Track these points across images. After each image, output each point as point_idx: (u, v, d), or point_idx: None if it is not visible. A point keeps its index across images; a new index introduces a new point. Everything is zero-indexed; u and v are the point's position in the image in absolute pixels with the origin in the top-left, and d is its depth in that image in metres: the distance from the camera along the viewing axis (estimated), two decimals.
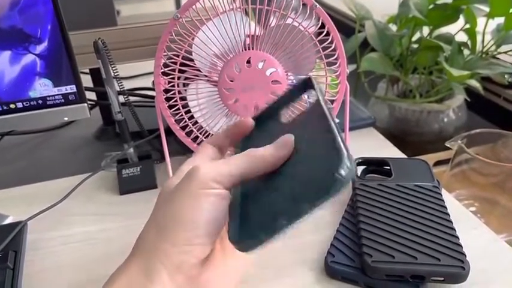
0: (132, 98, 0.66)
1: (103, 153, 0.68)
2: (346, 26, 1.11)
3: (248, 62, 0.51)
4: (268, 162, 0.32)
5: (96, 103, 0.79)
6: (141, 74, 0.94)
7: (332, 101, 0.57)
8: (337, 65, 0.54)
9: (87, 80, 0.70)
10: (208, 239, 0.30)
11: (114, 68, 0.59)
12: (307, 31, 0.50)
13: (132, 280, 0.30)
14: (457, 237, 0.44)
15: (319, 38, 0.52)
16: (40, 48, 0.53)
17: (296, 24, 0.50)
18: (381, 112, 0.82)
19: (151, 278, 0.30)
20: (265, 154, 0.32)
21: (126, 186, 0.60)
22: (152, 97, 0.78)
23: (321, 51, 0.52)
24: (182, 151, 0.64)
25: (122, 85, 0.62)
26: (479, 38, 0.75)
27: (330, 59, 0.53)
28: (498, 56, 0.76)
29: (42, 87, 0.54)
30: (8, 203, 0.60)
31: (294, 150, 0.32)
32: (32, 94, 0.55)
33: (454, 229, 0.45)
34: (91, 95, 0.76)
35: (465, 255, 0.41)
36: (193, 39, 0.51)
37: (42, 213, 0.54)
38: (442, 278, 0.41)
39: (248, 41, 0.51)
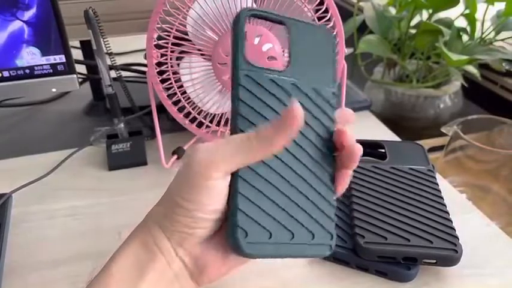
0: (123, 74, 0.64)
1: (92, 129, 0.67)
2: (344, 10, 1.09)
3: None
4: (274, 146, 0.28)
5: (87, 77, 0.77)
6: (134, 50, 0.92)
7: None
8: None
9: (77, 55, 0.68)
10: (208, 223, 0.29)
11: (106, 42, 0.57)
12: (306, 6, 0.49)
13: (142, 244, 0.31)
14: (450, 221, 0.43)
15: (317, 14, 0.50)
16: (28, 14, 0.51)
17: None
18: (377, 96, 0.81)
19: (159, 246, 0.30)
20: (268, 135, 0.28)
21: (115, 162, 0.59)
22: (145, 73, 0.76)
23: None
24: (174, 129, 0.63)
25: (113, 60, 0.60)
26: (478, 24, 0.74)
27: None
28: (496, 44, 0.75)
29: (30, 56, 0.52)
30: None
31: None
32: (19, 63, 0.53)
33: (447, 212, 0.44)
34: (82, 70, 0.74)
35: (458, 238, 0.41)
36: (188, 11, 0.49)
37: (28, 187, 0.53)
38: (434, 261, 0.40)
39: None
